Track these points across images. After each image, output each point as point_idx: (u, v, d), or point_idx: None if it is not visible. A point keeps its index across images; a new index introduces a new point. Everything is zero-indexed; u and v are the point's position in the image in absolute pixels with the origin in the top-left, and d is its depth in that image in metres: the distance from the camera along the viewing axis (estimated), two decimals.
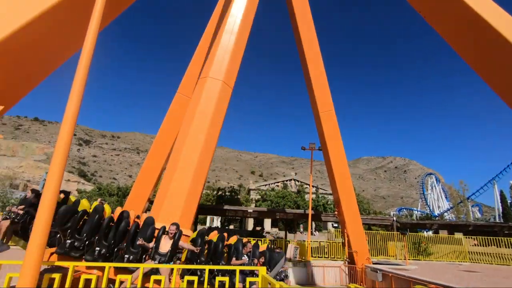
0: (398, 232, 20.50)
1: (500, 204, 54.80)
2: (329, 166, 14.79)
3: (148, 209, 22.64)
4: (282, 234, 35.39)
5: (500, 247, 21.08)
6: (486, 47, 5.92)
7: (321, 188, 57.49)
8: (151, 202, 19.92)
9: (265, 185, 63.27)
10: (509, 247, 20.79)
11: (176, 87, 14.59)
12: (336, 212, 15.67)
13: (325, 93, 14.61)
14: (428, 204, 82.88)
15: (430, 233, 29.14)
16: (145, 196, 13.97)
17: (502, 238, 21.49)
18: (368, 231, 20.94)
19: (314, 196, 34.26)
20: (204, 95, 9.00)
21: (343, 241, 15.84)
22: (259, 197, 38.92)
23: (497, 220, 50.94)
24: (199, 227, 35.81)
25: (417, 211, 75.79)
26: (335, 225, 43.95)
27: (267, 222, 54.64)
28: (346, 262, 14.76)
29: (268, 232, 36.78)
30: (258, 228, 33.38)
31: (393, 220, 24.50)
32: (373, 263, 14.56)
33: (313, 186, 56.86)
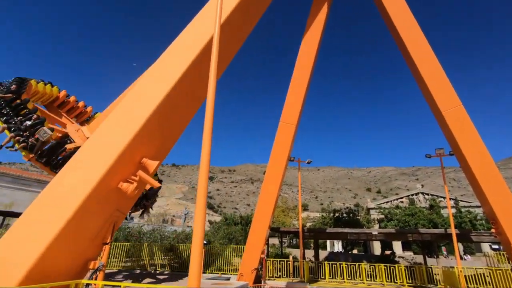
0: None
1: None
2: (469, 172, 12.11)
3: (270, 236, 23.67)
4: (419, 258, 30.18)
5: None
6: None
7: (462, 200, 46.99)
8: (271, 229, 20.85)
9: (386, 202, 56.47)
10: None
11: (277, 114, 15.44)
12: (493, 230, 12.34)
13: (446, 89, 12.44)
14: None
15: None
16: (266, 223, 14.75)
17: None
18: None
19: (454, 210, 28.25)
20: None
21: None
22: (382, 216, 34.94)
23: None
24: (321, 252, 34.67)
25: None
26: (495, 246, 34.40)
27: (397, 245, 47.76)
28: None
29: (401, 257, 32.09)
30: (387, 252, 29.60)
31: None
32: None
33: (450, 199, 47.05)
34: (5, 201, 34.96)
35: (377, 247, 41.01)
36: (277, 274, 17.43)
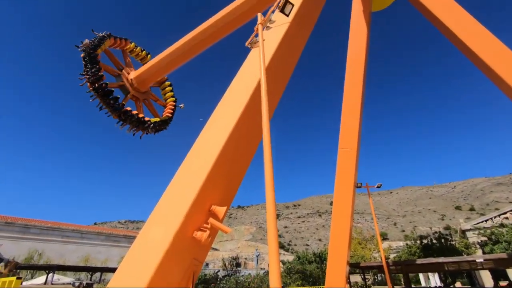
0: None
1: None
2: None
3: (351, 273, 21.59)
4: None
5: None
6: None
7: None
8: (351, 264, 19.03)
9: (486, 220, 47.47)
10: None
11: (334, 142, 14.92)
12: None
13: None
14: None
15: None
16: (344, 259, 13.56)
17: None
18: None
19: None
20: None
21: None
22: (484, 238, 29.28)
23: None
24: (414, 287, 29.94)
25: None
26: None
27: None
28: None
29: None
30: (503, 284, 24.06)
31: None
32: None
33: None
34: (101, 258, 39.39)
35: (486, 278, 33.75)
36: None
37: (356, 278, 36.32)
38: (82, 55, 9.50)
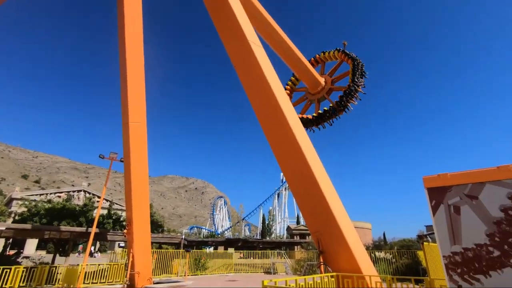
0: (184, 250, 21.67)
1: (261, 224, 71.74)
2: (128, 181, 13.78)
3: None
4: (48, 258, 28.20)
5: (255, 258, 27.14)
6: None
7: (117, 204, 52.10)
8: None
9: (41, 194, 49.44)
10: (261, 258, 27.18)
11: None
12: (125, 231, 14.46)
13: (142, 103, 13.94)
14: (215, 223, 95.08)
15: (211, 249, 32.91)
16: None
17: (258, 251, 27.85)
18: (158, 250, 20.80)
19: (105, 212, 30.21)
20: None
21: (127, 262, 14.70)
22: (25, 209, 29.64)
23: (258, 237, 65.92)
24: None
25: (205, 229, 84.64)
26: (122, 244, 40.51)
27: (32, 243, 42.29)
28: (126, 285, 13.69)
29: (26, 257, 28.15)
30: (10, 252, 24.72)
31: (182, 238, 25.88)
32: (155, 283, 14.42)
33: (106, 200, 50.54)
34: None
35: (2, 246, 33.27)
36: None
37: None
38: None
